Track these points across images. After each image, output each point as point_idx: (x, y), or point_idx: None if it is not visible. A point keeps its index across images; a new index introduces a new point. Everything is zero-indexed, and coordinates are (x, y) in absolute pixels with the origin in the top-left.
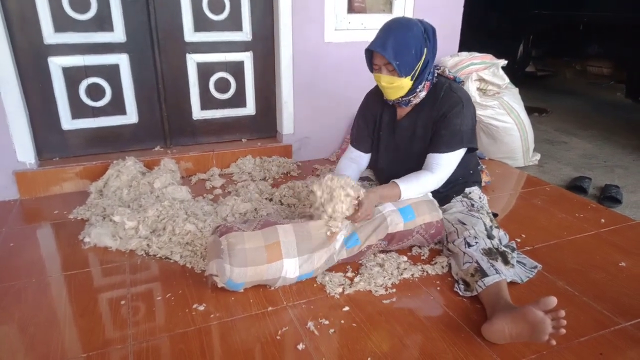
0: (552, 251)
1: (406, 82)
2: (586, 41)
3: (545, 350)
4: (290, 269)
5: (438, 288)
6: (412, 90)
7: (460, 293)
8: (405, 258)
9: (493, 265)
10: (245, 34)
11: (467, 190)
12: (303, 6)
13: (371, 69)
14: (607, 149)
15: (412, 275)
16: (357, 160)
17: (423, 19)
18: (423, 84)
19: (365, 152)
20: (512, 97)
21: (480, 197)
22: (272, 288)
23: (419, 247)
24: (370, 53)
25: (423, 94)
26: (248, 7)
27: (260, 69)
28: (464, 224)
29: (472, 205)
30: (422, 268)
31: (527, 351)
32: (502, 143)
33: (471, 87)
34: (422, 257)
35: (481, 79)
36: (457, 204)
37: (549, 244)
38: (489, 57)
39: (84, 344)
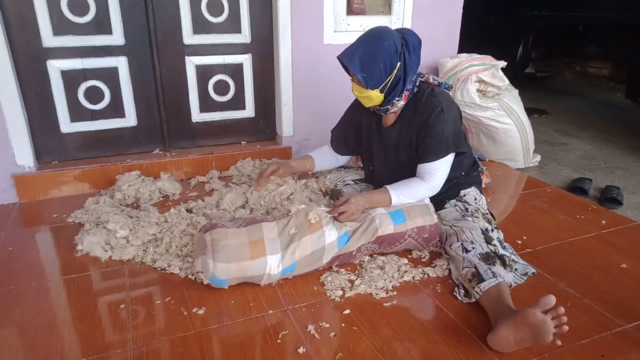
0: (552, 253)
1: (375, 95)
2: (586, 42)
3: (547, 353)
4: (274, 264)
5: (439, 290)
6: (387, 101)
7: (459, 298)
8: (405, 260)
9: (490, 269)
10: (244, 36)
11: (462, 192)
12: (302, 8)
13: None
14: (607, 150)
15: (413, 277)
16: (335, 156)
17: (409, 29)
18: (401, 94)
19: (340, 154)
20: (512, 99)
21: (476, 199)
22: (256, 284)
23: (419, 250)
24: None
25: (401, 104)
26: (247, 9)
27: (259, 71)
28: (461, 228)
29: (467, 209)
30: (422, 270)
31: (528, 353)
32: (502, 144)
33: (471, 89)
34: (422, 260)
35: (481, 81)
36: (451, 210)
37: (550, 245)
38: (488, 59)
39: (83, 347)
